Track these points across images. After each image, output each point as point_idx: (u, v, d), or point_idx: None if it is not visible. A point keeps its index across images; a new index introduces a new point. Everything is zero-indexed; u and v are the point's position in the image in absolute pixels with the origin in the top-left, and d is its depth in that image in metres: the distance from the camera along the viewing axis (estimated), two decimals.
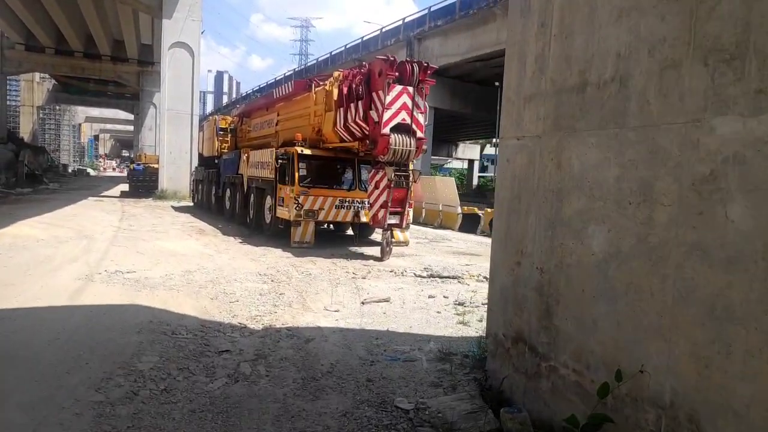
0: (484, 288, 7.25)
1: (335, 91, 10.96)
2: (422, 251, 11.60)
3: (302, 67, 52.35)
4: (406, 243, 12.06)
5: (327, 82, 11.55)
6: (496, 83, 29.03)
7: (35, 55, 45.07)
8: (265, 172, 13.04)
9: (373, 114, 9.64)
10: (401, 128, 9.60)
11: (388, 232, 9.93)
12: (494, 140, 74.18)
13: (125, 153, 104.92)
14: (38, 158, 53.97)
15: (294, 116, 13.40)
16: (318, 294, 6.64)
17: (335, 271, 8.48)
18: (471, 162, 74.65)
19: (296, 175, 11.05)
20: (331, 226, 13.15)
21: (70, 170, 68.60)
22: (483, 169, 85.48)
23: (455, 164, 78.02)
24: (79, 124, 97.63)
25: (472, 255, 11.22)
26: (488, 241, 14.80)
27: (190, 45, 27.09)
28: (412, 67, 9.62)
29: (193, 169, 24.96)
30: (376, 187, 9.82)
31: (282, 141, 13.72)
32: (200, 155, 23.30)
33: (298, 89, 12.49)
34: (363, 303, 6.03)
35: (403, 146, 9.54)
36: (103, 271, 7.54)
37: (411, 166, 10.41)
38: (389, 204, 9.62)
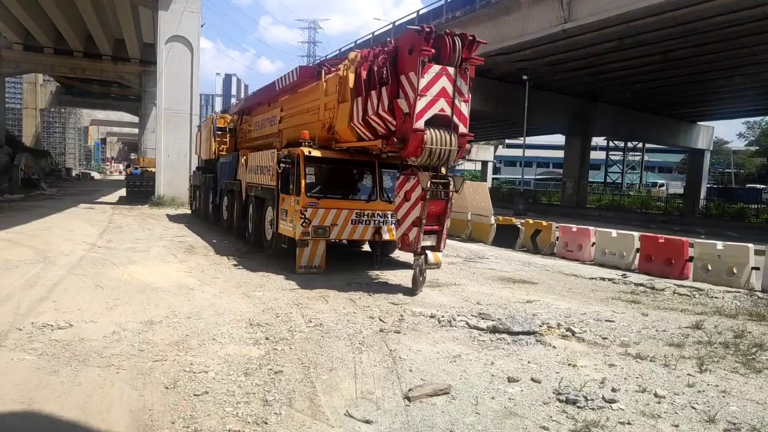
0: (581, 355, 4.93)
1: (351, 77, 8.69)
2: (460, 276, 9.28)
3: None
4: (438, 265, 9.79)
5: (341, 66, 9.28)
6: (525, 77, 26.68)
7: (33, 55, 43.38)
8: (266, 178, 10.79)
9: (402, 103, 7.36)
10: (439, 121, 7.30)
11: (422, 257, 7.61)
12: (507, 141, 71.94)
13: (133, 156, 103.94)
14: (39, 162, 52.35)
15: (300, 111, 11.14)
16: (334, 370, 4.34)
17: (355, 316, 6.18)
18: (484, 164, 72.18)
19: (302, 182, 8.79)
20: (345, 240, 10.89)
21: (74, 174, 67.24)
22: (495, 170, 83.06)
23: (467, 165, 75.58)
24: (85, 127, 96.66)
25: (525, 283, 8.88)
26: (535, 260, 12.19)
27: (188, 39, 24.98)
28: (453, 41, 7.30)
29: (192, 173, 22.81)
30: (407, 198, 7.51)
31: (286, 141, 11.49)
32: (199, 159, 21.20)
33: (305, 78, 10.20)
34: (409, 399, 3.72)
35: (441, 145, 7.25)
36: (28, 323, 5.30)
37: (443, 171, 8.01)
38: (423, 221, 7.32)
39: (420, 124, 7.12)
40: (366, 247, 11.55)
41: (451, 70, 7.32)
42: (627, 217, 30.65)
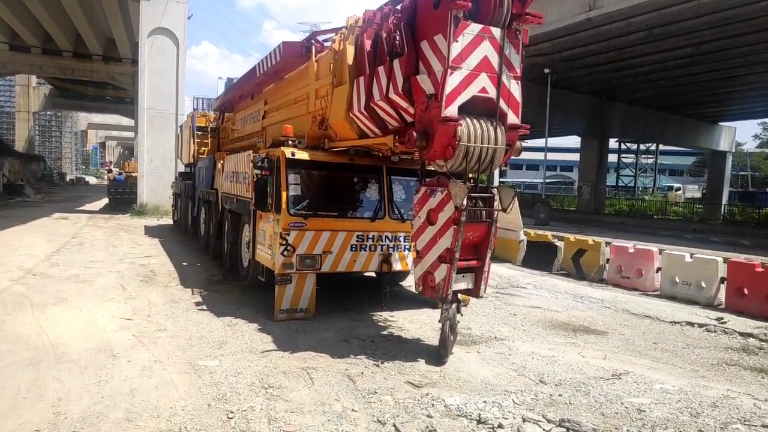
0: None
1: (350, 50, 6.33)
2: (498, 320, 6.89)
3: None
4: (465, 302, 7.36)
5: (336, 37, 6.93)
6: (546, 70, 24.26)
7: (20, 55, 41.31)
8: (241, 187, 8.45)
9: (424, 81, 5.00)
10: (479, 107, 4.93)
11: (453, 306, 5.23)
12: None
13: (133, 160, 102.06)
14: (30, 167, 50.43)
15: (287, 102, 8.79)
16: None
17: (355, 419, 3.79)
18: None
19: (283, 194, 6.42)
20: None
21: (68, 179, 65.39)
22: (501, 174, 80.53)
23: None
24: (82, 131, 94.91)
25: (589, 332, 6.49)
26: (585, 291, 8.56)
27: (173, 31, 22.76)
28: None
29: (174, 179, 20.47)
30: (431, 221, 5.14)
31: (271, 141, 9.16)
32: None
33: (290, 56, 7.81)
34: None
35: (482, 142, 4.88)
36: None
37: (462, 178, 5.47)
38: (457, 254, 4.94)
39: (452, 110, 4.76)
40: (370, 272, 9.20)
41: (496, 32, 4.95)
42: (652, 225, 28.18)
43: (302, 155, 6.63)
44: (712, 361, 5.56)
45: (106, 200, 27.93)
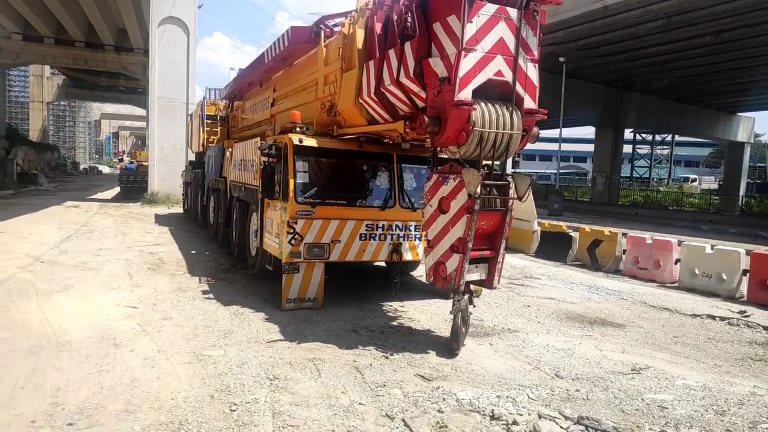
0: None
1: (360, 34, 6.12)
2: (511, 312, 6.70)
3: None
4: (477, 293, 7.19)
5: (345, 21, 6.71)
6: (561, 59, 23.78)
7: (34, 46, 41.44)
8: (249, 175, 8.30)
9: (437, 64, 4.79)
10: (494, 91, 4.71)
11: (465, 297, 5.05)
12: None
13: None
14: (44, 156, 50.84)
15: (296, 89, 8.61)
16: None
17: (363, 415, 3.64)
18: None
19: (291, 182, 6.26)
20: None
21: (81, 168, 66.01)
22: (514, 164, 79.75)
23: None
24: (95, 121, 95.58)
25: (606, 324, 6.27)
26: (601, 282, 8.29)
27: (184, 20, 22.67)
28: None
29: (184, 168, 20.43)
30: (443, 209, 4.95)
31: (280, 129, 8.99)
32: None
33: (298, 42, 7.62)
34: None
35: (497, 127, 4.66)
36: None
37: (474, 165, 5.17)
38: (470, 244, 4.75)
39: (465, 94, 4.54)
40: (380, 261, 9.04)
41: (513, 12, 4.72)
42: (667, 216, 27.71)
43: (310, 142, 6.46)
44: (736, 355, 5.33)
45: (117, 189, 28.05)
